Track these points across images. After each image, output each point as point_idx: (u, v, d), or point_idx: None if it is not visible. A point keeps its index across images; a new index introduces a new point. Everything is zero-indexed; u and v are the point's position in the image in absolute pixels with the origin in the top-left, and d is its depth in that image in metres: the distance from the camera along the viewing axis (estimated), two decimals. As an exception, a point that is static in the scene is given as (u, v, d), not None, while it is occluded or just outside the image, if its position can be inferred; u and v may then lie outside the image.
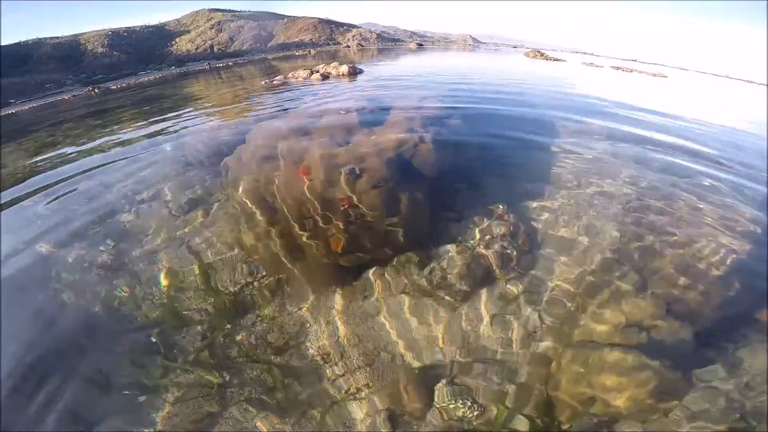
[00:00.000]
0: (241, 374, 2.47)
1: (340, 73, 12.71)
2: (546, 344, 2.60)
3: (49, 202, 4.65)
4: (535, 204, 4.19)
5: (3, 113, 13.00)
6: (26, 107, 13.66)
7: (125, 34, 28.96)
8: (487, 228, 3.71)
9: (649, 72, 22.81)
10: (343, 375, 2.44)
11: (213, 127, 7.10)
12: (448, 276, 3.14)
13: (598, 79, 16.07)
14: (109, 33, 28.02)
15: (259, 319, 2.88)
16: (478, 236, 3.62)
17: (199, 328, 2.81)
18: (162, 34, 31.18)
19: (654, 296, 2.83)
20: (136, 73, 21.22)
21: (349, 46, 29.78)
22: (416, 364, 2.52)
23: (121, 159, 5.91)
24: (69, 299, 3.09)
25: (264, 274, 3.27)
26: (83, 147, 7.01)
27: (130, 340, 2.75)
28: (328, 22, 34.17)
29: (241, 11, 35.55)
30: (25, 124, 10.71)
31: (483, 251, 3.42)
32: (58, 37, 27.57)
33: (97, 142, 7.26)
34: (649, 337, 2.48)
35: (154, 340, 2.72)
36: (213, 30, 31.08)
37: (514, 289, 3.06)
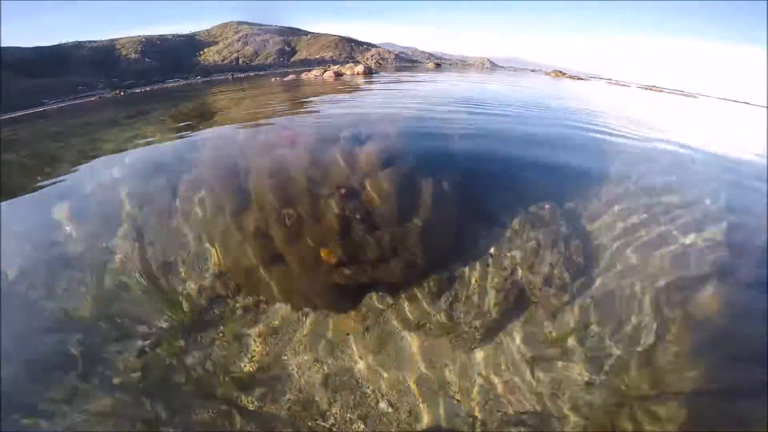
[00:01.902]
0: (186, 411, 1.91)
1: (355, 72, 13.06)
2: (601, 399, 2.01)
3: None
4: (591, 207, 3.24)
5: (36, 111, 13.81)
6: (55, 107, 14.50)
7: (158, 41, 30.53)
8: (528, 239, 2.84)
9: (677, 93, 22.56)
10: (329, 428, 1.94)
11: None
12: (475, 306, 2.44)
13: (636, 95, 15.86)
14: (143, 40, 29.60)
15: (221, 339, 2.28)
16: (516, 250, 2.79)
17: (139, 342, 2.20)
18: (192, 44, 32.78)
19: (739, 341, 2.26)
20: (164, 80, 22.27)
21: (368, 65, 30.63)
22: (426, 418, 2.00)
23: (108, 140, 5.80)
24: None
25: (235, 283, 2.59)
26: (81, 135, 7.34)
27: (40, 342, 2.16)
28: (349, 40, 35.34)
29: (267, 25, 37.20)
30: (50, 117, 11.59)
31: (522, 272, 2.63)
32: (95, 41, 29.28)
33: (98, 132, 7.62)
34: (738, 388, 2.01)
35: (71, 349, 2.12)
36: (240, 42, 32.50)
37: (561, 324, 2.40)
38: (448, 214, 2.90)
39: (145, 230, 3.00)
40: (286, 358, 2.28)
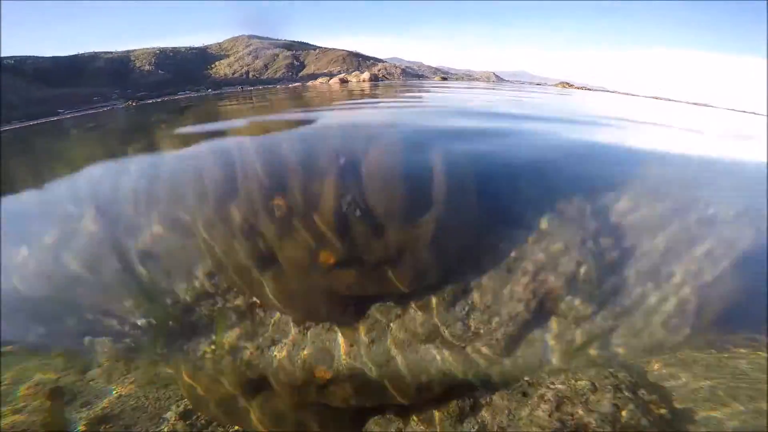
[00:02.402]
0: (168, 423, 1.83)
1: (361, 79, 13.68)
2: (628, 411, 1.89)
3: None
4: (628, 204, 2.96)
5: (51, 120, 14.25)
6: (69, 116, 15.00)
7: (171, 54, 31.48)
8: (556, 238, 2.57)
9: (691, 102, 22.55)
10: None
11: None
12: (494, 315, 2.20)
13: (660, 106, 15.82)
14: (158, 52, 30.55)
15: (212, 348, 2.14)
16: (541, 251, 2.51)
17: (116, 341, 2.09)
18: (204, 57, 33.75)
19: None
20: (176, 93, 22.92)
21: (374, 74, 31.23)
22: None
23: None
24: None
25: (228, 287, 2.35)
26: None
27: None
28: (356, 55, 36.18)
29: (277, 39, 38.27)
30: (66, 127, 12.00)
31: (547, 275, 2.38)
32: (111, 52, 30.24)
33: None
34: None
35: (34, 340, 2.04)
36: (250, 56, 33.42)
37: (588, 334, 2.25)
38: (465, 211, 2.61)
39: (128, 222, 2.82)
40: (281, 370, 2.05)
